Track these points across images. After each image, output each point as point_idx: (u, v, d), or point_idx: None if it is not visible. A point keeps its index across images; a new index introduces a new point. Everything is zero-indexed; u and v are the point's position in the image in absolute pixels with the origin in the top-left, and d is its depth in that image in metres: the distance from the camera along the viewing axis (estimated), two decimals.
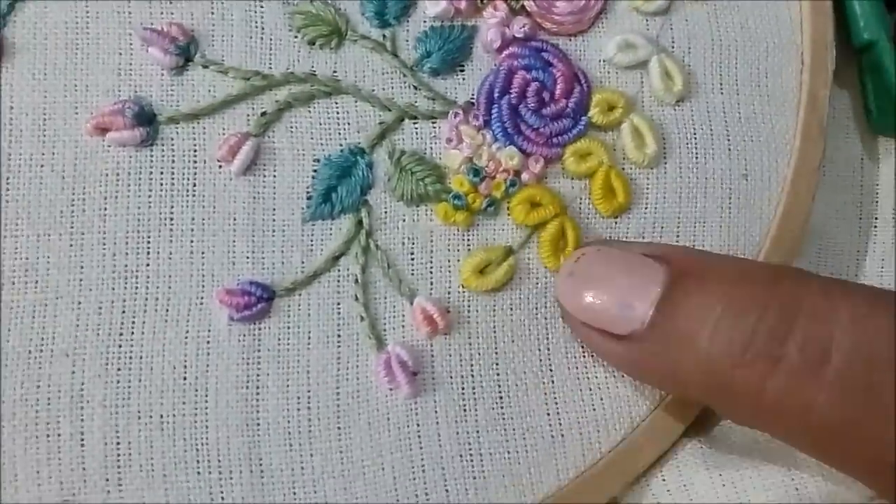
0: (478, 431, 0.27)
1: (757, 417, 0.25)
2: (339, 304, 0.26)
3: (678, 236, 0.29)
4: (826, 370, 0.23)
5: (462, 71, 0.28)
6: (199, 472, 0.25)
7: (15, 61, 0.25)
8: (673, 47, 0.29)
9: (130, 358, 0.25)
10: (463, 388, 0.27)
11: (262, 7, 0.27)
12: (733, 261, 0.27)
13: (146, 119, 0.25)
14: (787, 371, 0.23)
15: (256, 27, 0.27)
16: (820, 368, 0.23)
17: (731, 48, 0.30)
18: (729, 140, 0.29)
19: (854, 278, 0.31)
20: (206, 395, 0.25)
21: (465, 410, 0.27)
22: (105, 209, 0.25)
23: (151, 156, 0.26)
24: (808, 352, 0.23)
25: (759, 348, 0.23)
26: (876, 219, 0.32)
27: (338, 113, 0.27)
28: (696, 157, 0.29)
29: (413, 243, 0.27)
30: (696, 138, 0.29)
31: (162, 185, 0.26)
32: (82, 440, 0.24)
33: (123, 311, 0.25)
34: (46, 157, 0.25)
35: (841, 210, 0.32)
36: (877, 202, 0.32)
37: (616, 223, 0.28)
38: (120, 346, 0.25)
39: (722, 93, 0.30)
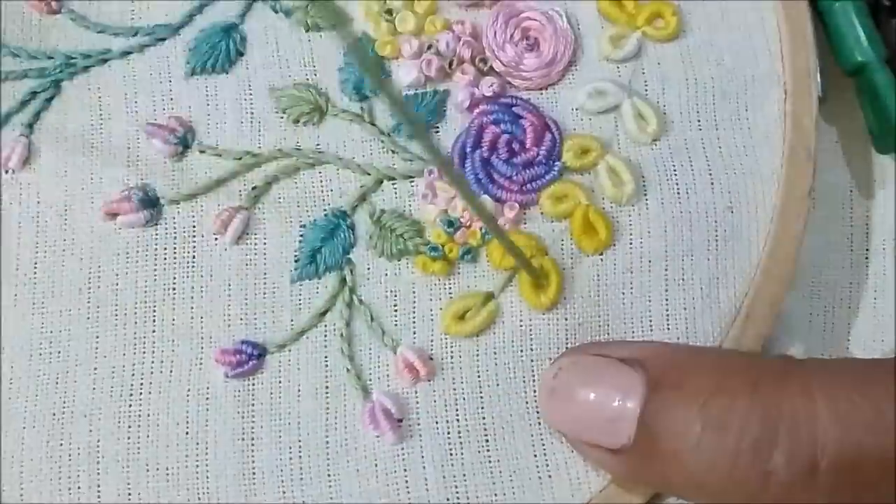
0: (464, 475, 0.27)
1: None
2: (326, 357, 0.28)
3: (667, 270, 0.29)
4: (816, 478, 0.23)
5: (437, 132, 0.30)
6: None
7: (42, 162, 0.29)
8: (646, 90, 0.30)
9: (140, 416, 0.27)
10: (448, 433, 0.28)
11: (251, 94, 0.30)
12: (711, 361, 0.26)
13: (150, 202, 0.29)
14: (777, 486, 0.23)
15: (246, 113, 0.30)
16: (810, 477, 0.23)
17: (708, 85, 0.30)
18: (711, 174, 0.29)
19: (848, 310, 0.31)
20: (206, 448, 0.27)
21: (451, 454, 0.27)
22: (117, 284, 0.28)
23: (156, 234, 0.29)
24: (795, 463, 0.23)
25: (746, 466, 0.23)
26: (867, 249, 0.32)
27: (321, 181, 0.29)
28: (678, 193, 0.29)
29: (396, 296, 0.29)
30: (676, 174, 0.29)
31: (165, 259, 0.29)
32: (99, 493, 0.27)
33: (133, 374, 0.28)
34: (67, 243, 0.28)
35: (832, 242, 0.32)
36: (867, 233, 0.32)
37: (602, 260, 0.29)
38: (130, 406, 0.28)
39: (700, 129, 0.30)
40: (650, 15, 0.30)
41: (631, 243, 0.29)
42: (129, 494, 0.27)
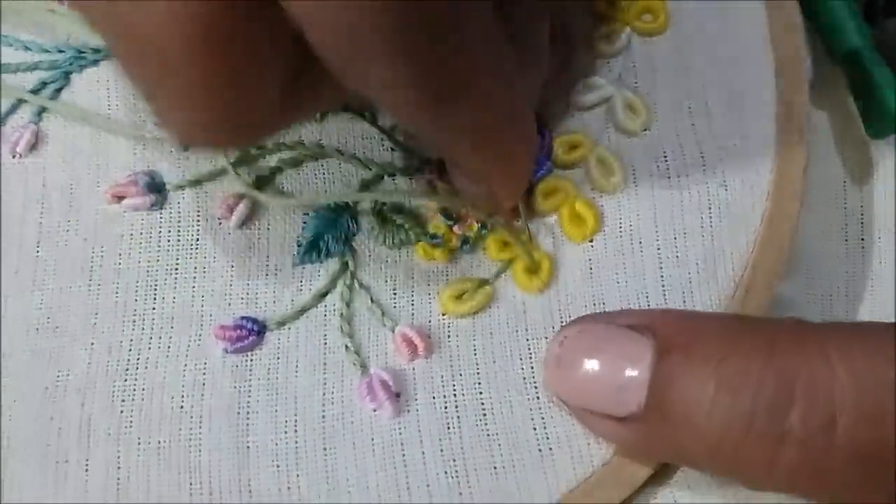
0: (462, 448, 0.27)
1: (771, 486, 0.24)
2: (325, 335, 0.28)
3: (660, 250, 0.29)
4: (834, 437, 0.23)
5: None
6: (191, 494, 0.26)
7: (49, 148, 0.30)
8: (637, 83, 0.31)
9: (134, 391, 0.27)
10: (446, 408, 0.27)
11: None
12: (721, 325, 0.26)
13: (156, 187, 0.29)
14: (794, 445, 0.23)
15: None
16: (827, 437, 0.23)
17: (699, 74, 0.31)
18: (703, 156, 0.30)
19: (845, 299, 0.31)
20: (201, 422, 0.27)
21: (448, 429, 0.27)
22: (119, 264, 0.29)
23: (161, 217, 0.29)
24: (812, 423, 0.23)
25: (762, 427, 0.23)
26: (862, 239, 0.32)
27: (324, 173, 0.30)
28: (668, 176, 0.30)
29: (395, 280, 0.29)
30: (666, 159, 0.30)
31: (169, 241, 0.29)
32: (87, 467, 0.26)
33: (130, 350, 0.28)
34: (72, 224, 0.29)
35: (826, 232, 0.32)
36: (862, 223, 0.32)
37: (592, 245, 0.29)
38: (125, 381, 0.27)
39: (691, 115, 0.30)
40: (640, 10, 0.32)
41: (621, 227, 0.29)
42: (119, 469, 0.26)
